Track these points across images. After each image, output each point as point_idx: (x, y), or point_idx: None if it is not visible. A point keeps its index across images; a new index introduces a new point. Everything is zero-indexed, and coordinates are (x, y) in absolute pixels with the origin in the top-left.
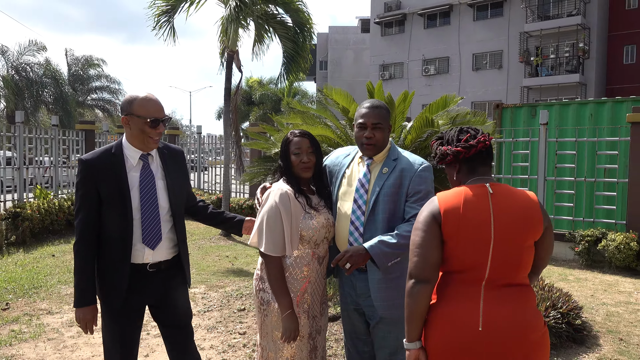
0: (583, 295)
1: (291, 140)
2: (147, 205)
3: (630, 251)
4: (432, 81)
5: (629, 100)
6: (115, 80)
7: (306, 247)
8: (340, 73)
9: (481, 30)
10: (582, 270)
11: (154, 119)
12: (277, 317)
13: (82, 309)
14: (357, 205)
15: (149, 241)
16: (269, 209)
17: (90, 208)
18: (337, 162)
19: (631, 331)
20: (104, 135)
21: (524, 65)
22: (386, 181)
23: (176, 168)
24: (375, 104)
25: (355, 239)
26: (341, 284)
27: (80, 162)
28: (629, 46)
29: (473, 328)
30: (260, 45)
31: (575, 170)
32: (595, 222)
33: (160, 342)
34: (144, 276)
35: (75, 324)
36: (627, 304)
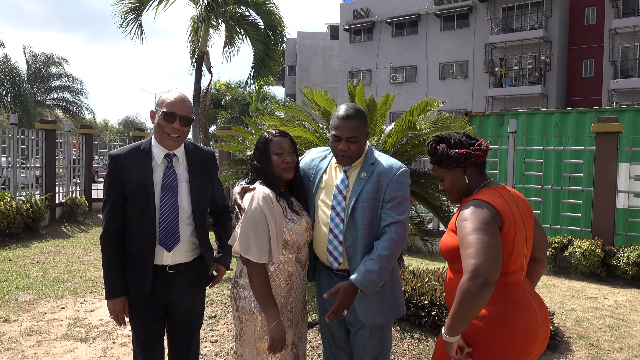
0: (552, 302)
1: (271, 140)
2: (167, 206)
3: (596, 258)
4: (399, 89)
5: (592, 111)
6: (77, 80)
7: (289, 252)
8: (309, 79)
9: (448, 40)
10: (549, 276)
11: (170, 113)
12: (260, 326)
13: (113, 301)
14: (336, 212)
15: (165, 243)
16: (253, 213)
17: (115, 202)
18: (313, 166)
19: (601, 337)
20: (66, 136)
21: (489, 76)
22: (364, 187)
23: (203, 171)
24: (351, 114)
25: (335, 247)
26: (319, 291)
27: (109, 157)
28: (588, 60)
29: (536, 324)
30: (231, 46)
31: (542, 178)
32: (561, 229)
33: None
34: (164, 277)
35: (34, 332)
36: (595, 310)
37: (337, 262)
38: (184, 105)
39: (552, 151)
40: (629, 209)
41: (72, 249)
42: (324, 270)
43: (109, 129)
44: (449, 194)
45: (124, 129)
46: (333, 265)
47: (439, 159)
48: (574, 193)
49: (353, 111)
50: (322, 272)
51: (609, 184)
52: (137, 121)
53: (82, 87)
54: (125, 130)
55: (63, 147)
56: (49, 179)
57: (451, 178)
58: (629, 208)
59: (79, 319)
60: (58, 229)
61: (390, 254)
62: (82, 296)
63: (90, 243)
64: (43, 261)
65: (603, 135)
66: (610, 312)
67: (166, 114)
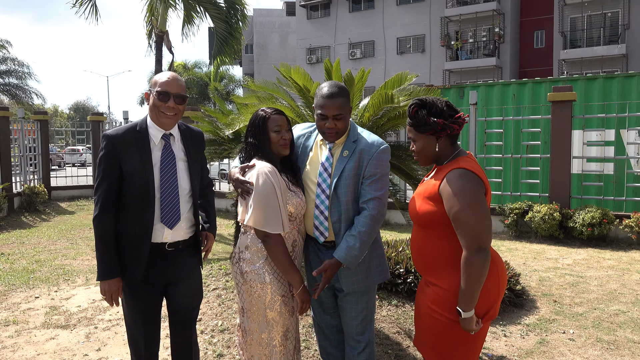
0: (516, 264)
1: (269, 117)
2: (167, 185)
3: (554, 221)
4: (358, 64)
5: (547, 81)
6: (23, 64)
7: (292, 223)
8: (267, 57)
9: (404, 15)
10: (512, 241)
11: (164, 92)
12: (271, 297)
13: (107, 282)
14: (321, 189)
15: (167, 220)
16: (264, 187)
17: (111, 182)
18: (299, 144)
19: (562, 293)
20: (20, 122)
21: (445, 49)
22: (347, 164)
23: (196, 149)
24: (335, 92)
25: (321, 222)
26: (307, 260)
27: (104, 137)
28: (539, 31)
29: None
30: (190, 25)
31: (502, 147)
32: (521, 196)
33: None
34: (162, 255)
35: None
36: (555, 269)
37: (322, 237)
38: (177, 84)
39: (511, 121)
40: (582, 174)
41: (36, 239)
42: (311, 242)
43: (59, 115)
44: (419, 157)
45: (75, 114)
46: (319, 239)
47: (417, 123)
48: (532, 160)
49: (337, 89)
50: (310, 244)
51: (565, 151)
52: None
53: (29, 71)
54: (77, 116)
55: (17, 135)
56: (5, 168)
57: (423, 143)
58: (583, 173)
59: (56, 307)
60: (18, 220)
61: (369, 230)
62: (55, 285)
63: (55, 232)
64: (7, 252)
65: (558, 104)
66: (570, 270)
67: (160, 93)
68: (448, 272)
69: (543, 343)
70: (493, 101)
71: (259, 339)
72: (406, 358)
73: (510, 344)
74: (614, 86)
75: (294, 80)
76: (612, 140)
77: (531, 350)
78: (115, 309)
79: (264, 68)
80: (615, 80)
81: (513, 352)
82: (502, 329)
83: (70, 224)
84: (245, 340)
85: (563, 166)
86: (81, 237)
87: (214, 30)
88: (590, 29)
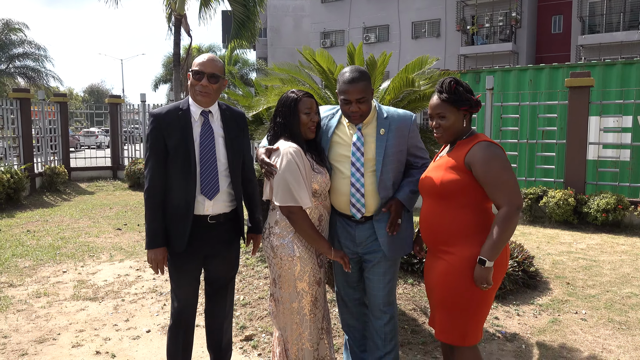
0: (530, 247)
1: (300, 99)
2: (206, 158)
3: (568, 206)
4: (372, 49)
5: (564, 67)
6: (39, 47)
7: (318, 199)
8: (280, 40)
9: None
10: (525, 225)
11: (197, 71)
12: (300, 268)
13: (154, 250)
14: (356, 167)
15: (207, 192)
16: (289, 167)
17: (158, 157)
18: (323, 125)
19: (575, 276)
20: (41, 104)
21: (461, 34)
22: (387, 142)
23: (236, 129)
24: (356, 77)
25: (358, 199)
26: (334, 238)
27: (150, 115)
28: (557, 16)
29: None
30: (207, 9)
31: (518, 132)
32: (536, 181)
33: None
34: (205, 227)
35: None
36: (569, 253)
37: (360, 213)
38: (212, 64)
39: (527, 106)
40: (598, 160)
41: (59, 218)
42: (339, 218)
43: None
44: (446, 133)
45: (90, 97)
46: (356, 216)
47: (456, 98)
48: (547, 146)
49: (358, 74)
50: (338, 221)
51: (581, 137)
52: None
53: (45, 54)
54: (91, 99)
55: (38, 116)
56: (27, 149)
57: (454, 118)
58: (599, 159)
59: (83, 281)
60: (40, 199)
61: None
62: (81, 260)
63: (77, 211)
64: (33, 230)
65: (576, 90)
66: (583, 254)
67: (195, 72)
68: (466, 240)
69: (555, 322)
70: (509, 86)
71: (290, 307)
72: (422, 333)
73: (524, 322)
74: (633, 72)
75: (318, 63)
76: (630, 127)
77: (543, 329)
78: (140, 283)
79: (277, 52)
80: (634, 66)
81: (526, 330)
82: (515, 308)
83: (90, 204)
84: (278, 309)
85: (579, 152)
86: (102, 216)
87: (231, 14)
88: (609, 14)
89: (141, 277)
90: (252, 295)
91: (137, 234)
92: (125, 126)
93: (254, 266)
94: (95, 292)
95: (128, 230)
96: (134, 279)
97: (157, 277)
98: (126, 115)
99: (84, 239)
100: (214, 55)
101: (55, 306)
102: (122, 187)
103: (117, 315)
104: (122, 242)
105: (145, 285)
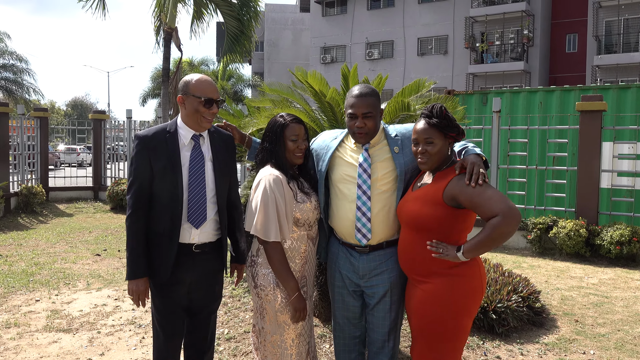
0: (538, 282)
1: (288, 125)
2: (195, 184)
3: (580, 238)
4: (375, 66)
5: (576, 89)
6: (21, 59)
7: (301, 229)
8: (278, 55)
9: (426, 14)
10: (534, 257)
11: (208, 99)
12: (280, 300)
13: (135, 281)
14: (362, 190)
15: (194, 220)
16: (264, 196)
17: (142, 181)
18: (324, 145)
19: (585, 313)
20: (20, 119)
21: (470, 52)
22: (405, 159)
23: (224, 153)
24: (364, 92)
25: (363, 224)
26: (334, 268)
27: (136, 137)
28: (571, 34)
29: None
30: (199, 22)
31: (526, 158)
32: (545, 210)
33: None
34: (189, 255)
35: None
36: (579, 289)
37: (365, 239)
38: (215, 88)
39: (537, 130)
40: (612, 189)
41: (34, 241)
42: (342, 247)
43: (55, 112)
44: (431, 159)
45: (73, 111)
46: (362, 242)
47: (446, 124)
48: (558, 173)
49: (367, 89)
50: (341, 250)
51: (593, 164)
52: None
53: (27, 66)
54: (75, 113)
55: (16, 132)
56: (2, 166)
57: (441, 144)
58: (613, 187)
59: (57, 310)
60: (14, 221)
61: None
62: (56, 288)
63: (53, 234)
64: (5, 254)
65: (587, 114)
66: (594, 290)
67: (207, 100)
68: (442, 272)
69: None
70: (518, 109)
71: (272, 340)
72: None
73: None
74: None
75: (310, 85)
76: None
77: None
78: (118, 314)
79: (274, 67)
80: None
81: None
82: (519, 347)
83: (68, 227)
84: (260, 341)
85: (591, 180)
86: (81, 240)
87: (225, 27)
88: (627, 33)
89: (119, 307)
90: (237, 329)
91: (118, 260)
92: (109, 144)
93: (240, 297)
94: (70, 323)
95: (108, 256)
96: (112, 310)
97: (136, 307)
98: (110, 132)
99: (60, 265)
100: (208, 78)
101: (25, 338)
102: (104, 209)
103: (92, 349)
104: (100, 269)
105: (124, 317)
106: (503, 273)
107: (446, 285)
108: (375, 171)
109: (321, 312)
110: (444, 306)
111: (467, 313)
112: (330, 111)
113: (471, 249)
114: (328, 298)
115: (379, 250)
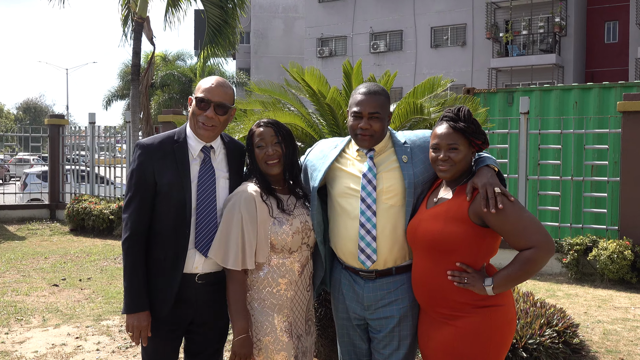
0: (576, 313)
1: (254, 131)
2: (204, 205)
3: (625, 261)
4: (382, 60)
5: (617, 86)
6: None
7: (279, 256)
8: (267, 48)
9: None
10: (571, 284)
11: (202, 98)
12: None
13: (136, 315)
14: (366, 204)
15: (202, 247)
16: (228, 214)
17: (144, 199)
18: (322, 156)
19: (632, 350)
20: None
21: (492, 43)
22: (414, 170)
23: (238, 169)
24: (372, 90)
25: (368, 243)
26: (337, 297)
27: (138, 146)
28: (611, 22)
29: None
30: (175, 10)
31: (560, 167)
32: (583, 228)
33: None
34: (192, 287)
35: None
36: (624, 321)
37: (369, 261)
38: (221, 91)
39: (572, 135)
40: None
41: None
42: (345, 273)
43: (4, 116)
44: (454, 168)
45: (25, 115)
46: (365, 265)
47: (474, 129)
48: (598, 185)
49: (376, 87)
50: (343, 276)
51: (639, 174)
52: (42, 104)
53: None
54: (27, 117)
55: None
56: None
57: (465, 152)
58: None
59: (7, 352)
60: None
61: None
62: (6, 325)
63: (2, 261)
64: None
65: (631, 115)
66: None
67: (199, 99)
68: (473, 302)
69: None
70: (550, 110)
71: None
72: None
73: None
74: None
75: (307, 84)
76: None
77: None
78: (79, 355)
79: (263, 62)
80: None
81: None
82: None
83: (20, 252)
84: None
85: (636, 193)
86: (35, 268)
87: (205, 16)
88: None
89: (81, 347)
90: None
91: (79, 291)
92: (68, 153)
93: None
94: None
95: (67, 287)
96: (72, 350)
97: (102, 347)
98: (70, 140)
99: (10, 297)
100: (224, 80)
101: None
102: (62, 231)
103: None
104: (58, 302)
105: (87, 358)
106: (535, 303)
107: (485, 318)
108: (380, 182)
109: (320, 350)
110: (485, 343)
111: (506, 348)
112: (331, 115)
113: (501, 283)
114: (327, 334)
115: (387, 277)
